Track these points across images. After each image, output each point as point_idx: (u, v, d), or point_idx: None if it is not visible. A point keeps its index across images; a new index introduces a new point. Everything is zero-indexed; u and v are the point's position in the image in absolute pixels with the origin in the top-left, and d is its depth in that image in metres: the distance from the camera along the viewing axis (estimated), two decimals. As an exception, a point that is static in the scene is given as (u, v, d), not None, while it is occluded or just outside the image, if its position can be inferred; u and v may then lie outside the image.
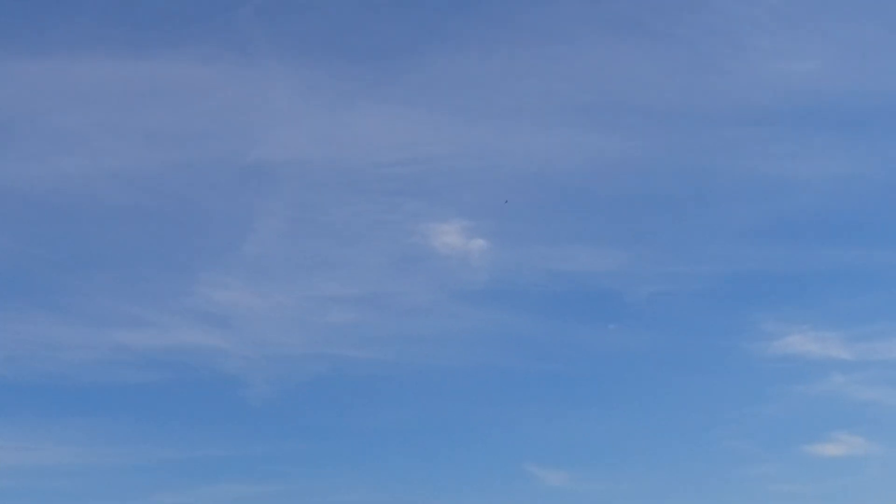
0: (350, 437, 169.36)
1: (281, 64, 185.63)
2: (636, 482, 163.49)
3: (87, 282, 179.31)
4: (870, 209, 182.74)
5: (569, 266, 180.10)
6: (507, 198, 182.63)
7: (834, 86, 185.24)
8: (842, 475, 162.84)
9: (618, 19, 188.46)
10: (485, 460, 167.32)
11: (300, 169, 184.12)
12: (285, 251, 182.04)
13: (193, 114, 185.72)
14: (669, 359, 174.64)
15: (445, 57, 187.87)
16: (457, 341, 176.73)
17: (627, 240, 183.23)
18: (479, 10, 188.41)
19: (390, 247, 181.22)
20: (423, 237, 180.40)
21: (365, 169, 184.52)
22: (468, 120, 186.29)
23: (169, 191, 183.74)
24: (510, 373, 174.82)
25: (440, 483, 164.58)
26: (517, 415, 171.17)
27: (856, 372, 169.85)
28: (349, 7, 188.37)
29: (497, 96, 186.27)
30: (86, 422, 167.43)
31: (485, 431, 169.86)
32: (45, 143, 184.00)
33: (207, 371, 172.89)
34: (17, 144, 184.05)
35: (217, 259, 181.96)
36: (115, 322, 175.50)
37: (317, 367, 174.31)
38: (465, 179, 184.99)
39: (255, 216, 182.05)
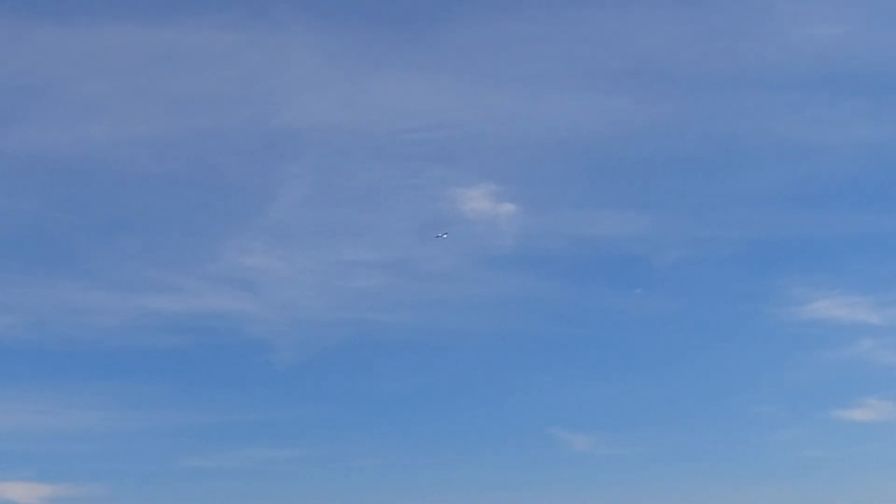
0: (375, 402, 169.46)
1: (305, 30, 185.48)
2: (662, 446, 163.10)
3: (114, 247, 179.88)
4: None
5: (595, 231, 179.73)
6: (536, 163, 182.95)
7: (863, 51, 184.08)
8: (870, 440, 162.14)
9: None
10: (510, 425, 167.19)
11: (325, 135, 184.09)
12: (310, 216, 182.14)
13: (218, 80, 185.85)
14: (696, 324, 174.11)
15: (471, 23, 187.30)
16: (483, 306, 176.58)
17: (654, 205, 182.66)
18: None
19: (416, 212, 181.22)
20: (450, 202, 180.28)
21: (390, 135, 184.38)
22: (494, 85, 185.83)
23: (194, 157, 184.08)
24: (536, 337, 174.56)
25: (466, 447, 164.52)
26: (543, 379, 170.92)
27: (885, 337, 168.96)
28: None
29: (523, 61, 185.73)
30: (113, 386, 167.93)
31: (510, 396, 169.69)
32: (70, 110, 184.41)
33: (233, 336, 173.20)
34: (43, 111, 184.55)
35: (243, 224, 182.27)
36: (141, 287, 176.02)
37: (342, 332, 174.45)
38: (492, 145, 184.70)
39: (280, 182, 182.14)
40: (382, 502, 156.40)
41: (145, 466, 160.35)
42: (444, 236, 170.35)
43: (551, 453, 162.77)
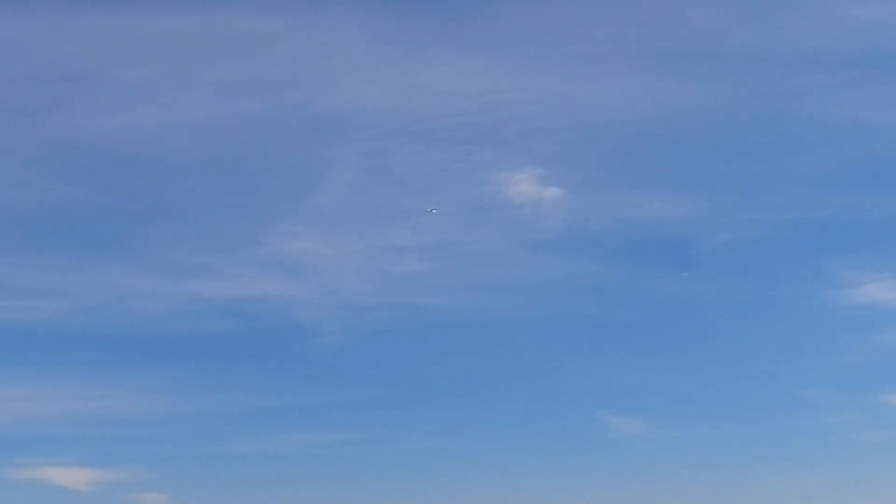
0: (422, 386, 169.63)
1: (350, 14, 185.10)
2: (710, 430, 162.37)
3: (161, 233, 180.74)
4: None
5: (642, 214, 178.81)
6: (582, 146, 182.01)
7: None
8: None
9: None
10: (558, 408, 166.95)
11: (370, 118, 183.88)
12: (356, 201, 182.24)
13: (264, 64, 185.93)
14: (744, 307, 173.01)
15: (516, 4, 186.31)
16: (529, 290, 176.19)
17: (701, 187, 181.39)
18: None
19: (462, 196, 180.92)
20: (496, 186, 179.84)
21: (435, 118, 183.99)
22: (540, 67, 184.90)
23: (240, 141, 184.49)
24: (583, 321, 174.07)
25: (513, 431, 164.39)
26: (590, 363, 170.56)
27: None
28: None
29: (569, 43, 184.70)
30: (160, 371, 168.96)
31: (557, 379, 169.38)
32: (117, 96, 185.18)
33: (280, 320, 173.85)
34: (90, 97, 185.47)
35: (289, 209, 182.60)
36: (188, 272, 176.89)
37: (389, 316, 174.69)
38: (538, 127, 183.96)
39: (325, 166, 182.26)
40: (429, 486, 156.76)
41: (192, 451, 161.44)
42: (434, 211, 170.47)
43: (598, 437, 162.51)
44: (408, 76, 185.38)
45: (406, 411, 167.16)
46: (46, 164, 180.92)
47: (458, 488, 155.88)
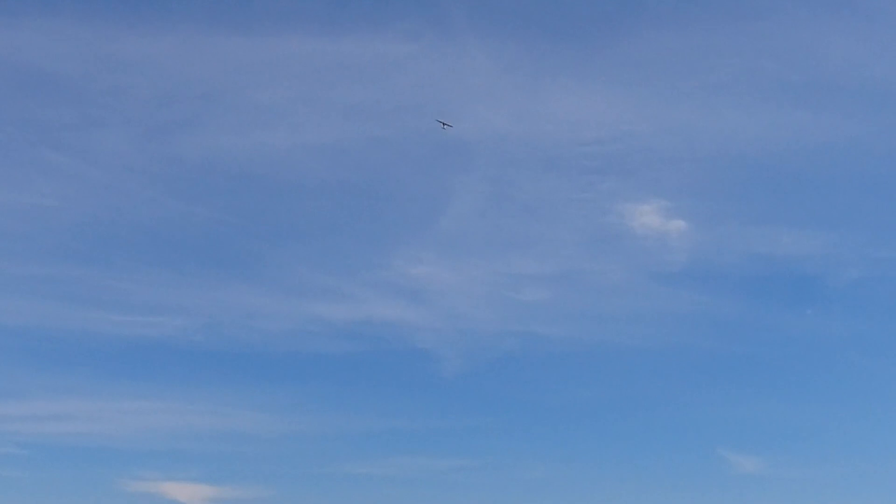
0: (540, 414, 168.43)
1: (480, 41, 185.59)
2: (833, 470, 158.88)
3: (285, 253, 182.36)
4: None
5: (769, 248, 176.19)
6: (708, 178, 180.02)
7: None
8: None
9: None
10: (676, 442, 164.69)
11: (497, 145, 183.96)
12: (480, 227, 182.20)
13: (392, 89, 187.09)
14: (871, 345, 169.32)
15: (645, 34, 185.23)
16: (651, 322, 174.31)
17: (831, 222, 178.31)
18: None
19: (586, 225, 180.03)
20: (620, 217, 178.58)
21: (562, 146, 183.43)
22: (668, 98, 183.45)
23: (367, 165, 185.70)
24: (705, 354, 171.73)
25: (630, 463, 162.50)
26: (711, 397, 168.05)
27: None
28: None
29: (699, 74, 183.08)
30: (280, 390, 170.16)
31: (677, 413, 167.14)
32: (247, 117, 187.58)
33: (400, 344, 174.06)
34: (220, 118, 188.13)
35: (413, 234, 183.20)
36: (311, 293, 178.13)
37: (509, 343, 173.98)
38: (665, 159, 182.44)
39: (451, 192, 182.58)
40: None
41: (309, 470, 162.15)
42: (447, 126, 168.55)
43: (718, 474, 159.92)
44: (534, 104, 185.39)
45: (522, 439, 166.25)
46: (175, 182, 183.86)
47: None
